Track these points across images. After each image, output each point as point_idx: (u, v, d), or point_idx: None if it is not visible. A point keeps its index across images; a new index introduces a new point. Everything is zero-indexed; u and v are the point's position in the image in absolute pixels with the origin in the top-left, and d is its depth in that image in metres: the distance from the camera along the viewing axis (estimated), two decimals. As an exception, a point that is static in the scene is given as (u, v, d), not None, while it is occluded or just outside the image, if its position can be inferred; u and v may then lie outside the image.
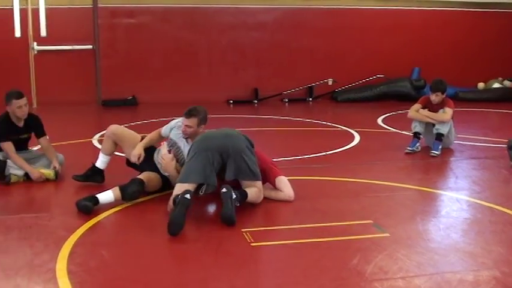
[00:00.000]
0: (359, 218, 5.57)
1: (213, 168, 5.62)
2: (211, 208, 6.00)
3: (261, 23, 15.67)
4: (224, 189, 5.43)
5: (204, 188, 5.64)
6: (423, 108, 8.78)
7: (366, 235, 5.10)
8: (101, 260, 4.58)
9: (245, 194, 5.68)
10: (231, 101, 14.88)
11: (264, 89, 15.47)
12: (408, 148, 8.64)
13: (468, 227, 5.44)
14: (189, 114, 6.14)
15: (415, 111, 8.77)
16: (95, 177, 6.81)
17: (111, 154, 6.84)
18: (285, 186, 6.14)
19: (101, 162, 6.84)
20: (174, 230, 5.05)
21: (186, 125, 6.15)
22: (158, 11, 15.09)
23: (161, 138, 6.66)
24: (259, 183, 5.90)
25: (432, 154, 8.41)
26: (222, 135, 5.90)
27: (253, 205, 5.81)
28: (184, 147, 6.23)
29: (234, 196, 5.44)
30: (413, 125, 8.79)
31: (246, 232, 5.12)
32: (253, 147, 5.94)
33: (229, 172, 5.68)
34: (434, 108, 8.67)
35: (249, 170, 5.75)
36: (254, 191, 5.80)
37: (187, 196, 5.21)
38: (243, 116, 12.77)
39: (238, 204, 5.49)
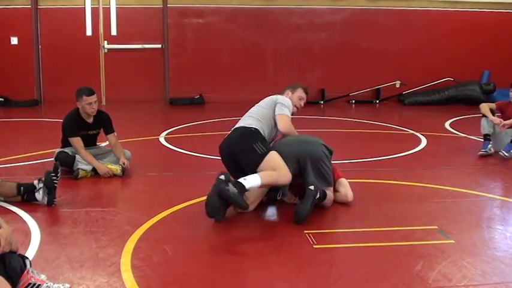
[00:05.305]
0: (424, 223, 5.48)
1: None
2: (274, 208, 6.00)
3: (328, 23, 15.60)
4: (312, 187, 5.44)
5: (280, 193, 5.63)
6: (496, 112, 8.59)
7: (430, 241, 5.01)
8: (164, 255, 4.64)
9: (325, 196, 5.67)
10: (297, 102, 14.83)
11: (330, 90, 15.40)
12: (482, 150, 8.46)
13: (538, 236, 5.28)
14: (308, 93, 6.42)
15: (488, 108, 8.57)
16: None
17: None
18: (343, 186, 6.07)
19: None
20: (209, 212, 5.12)
21: (304, 102, 6.37)
22: (226, 11, 15.22)
23: None
24: (331, 189, 5.90)
25: (502, 154, 8.18)
26: (301, 141, 5.87)
27: (318, 207, 5.78)
28: None
29: (318, 196, 5.47)
30: (481, 127, 8.58)
31: (309, 234, 5.10)
32: (331, 154, 5.90)
33: (309, 178, 5.64)
34: (510, 114, 8.44)
35: (324, 177, 5.73)
36: (328, 194, 5.79)
37: (222, 177, 5.19)
38: (308, 116, 12.70)
39: (316, 202, 5.50)
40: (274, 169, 5.46)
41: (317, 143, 5.87)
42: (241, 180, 5.21)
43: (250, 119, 5.93)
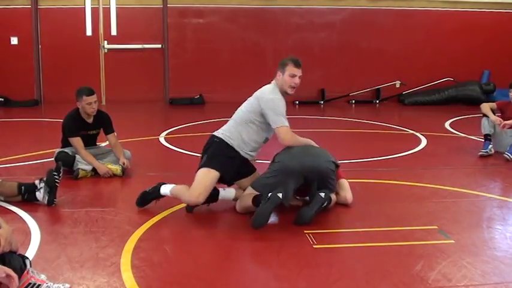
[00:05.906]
0: (424, 223, 5.48)
1: (291, 191, 5.51)
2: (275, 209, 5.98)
3: (328, 23, 15.59)
4: (322, 195, 5.40)
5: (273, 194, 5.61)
6: (496, 112, 8.59)
7: (430, 241, 5.01)
8: (165, 255, 4.65)
9: (330, 201, 5.64)
10: (297, 102, 14.82)
11: (330, 90, 15.38)
12: (482, 151, 8.45)
13: (538, 236, 5.28)
14: (299, 64, 6.21)
15: (489, 107, 8.56)
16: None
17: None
18: (343, 189, 6.02)
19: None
20: (259, 222, 5.07)
21: (299, 77, 6.15)
22: (226, 11, 15.21)
23: None
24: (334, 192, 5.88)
25: (506, 156, 8.17)
26: (309, 154, 5.64)
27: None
28: None
29: (325, 205, 5.46)
30: (482, 127, 8.58)
31: (308, 234, 5.10)
32: (337, 167, 5.80)
33: (315, 187, 5.56)
34: (510, 114, 8.44)
35: (329, 188, 5.63)
36: (332, 197, 5.75)
37: (279, 195, 5.18)
38: (308, 116, 12.72)
39: (322, 209, 5.48)
40: (193, 184, 5.56)
41: (325, 159, 5.66)
42: (163, 184, 5.82)
43: (228, 124, 5.97)
